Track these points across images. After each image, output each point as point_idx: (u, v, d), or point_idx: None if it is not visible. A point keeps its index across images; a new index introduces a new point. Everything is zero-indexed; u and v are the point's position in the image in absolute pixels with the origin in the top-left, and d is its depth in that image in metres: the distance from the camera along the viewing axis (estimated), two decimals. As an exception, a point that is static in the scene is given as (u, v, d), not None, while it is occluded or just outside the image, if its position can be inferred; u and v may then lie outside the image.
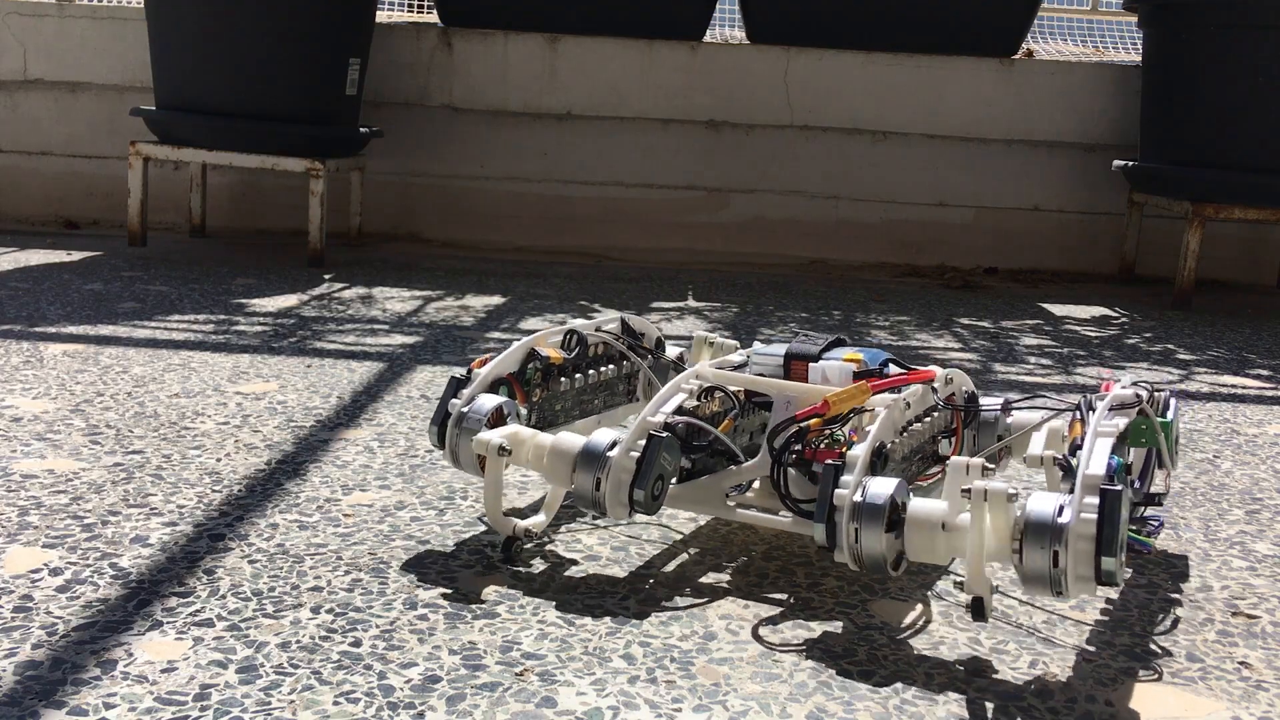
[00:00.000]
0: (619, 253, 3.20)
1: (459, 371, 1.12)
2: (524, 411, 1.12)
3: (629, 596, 1.00)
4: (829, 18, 3.15)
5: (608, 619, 0.95)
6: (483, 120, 3.21)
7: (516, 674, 0.85)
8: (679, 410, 1.06)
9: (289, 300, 2.29)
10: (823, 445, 1.01)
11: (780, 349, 1.17)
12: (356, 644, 0.89)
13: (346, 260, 2.83)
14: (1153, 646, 0.96)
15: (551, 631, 0.93)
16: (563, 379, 1.19)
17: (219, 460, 1.30)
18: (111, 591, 0.96)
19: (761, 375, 1.16)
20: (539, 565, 1.06)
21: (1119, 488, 0.84)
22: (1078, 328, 2.44)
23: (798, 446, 1.02)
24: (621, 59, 3.17)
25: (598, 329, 1.25)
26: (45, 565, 1.00)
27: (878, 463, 0.96)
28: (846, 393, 1.03)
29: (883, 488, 0.91)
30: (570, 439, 1.02)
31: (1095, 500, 0.84)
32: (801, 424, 1.02)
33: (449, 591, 0.99)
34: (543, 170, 3.23)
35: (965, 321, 2.44)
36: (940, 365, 1.46)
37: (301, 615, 0.93)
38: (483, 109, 3.20)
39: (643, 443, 1.00)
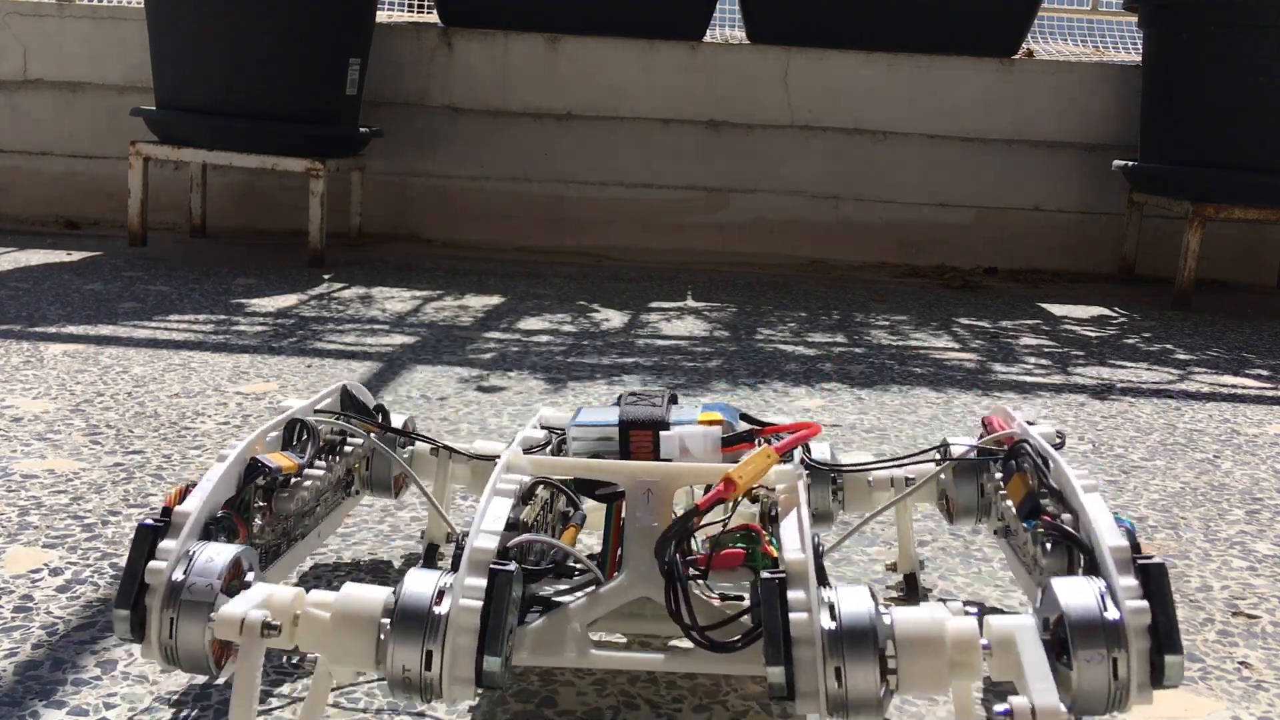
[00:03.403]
0: (619, 253, 3.20)
1: (151, 517, 0.72)
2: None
3: (629, 596, 1.00)
4: (829, 18, 3.15)
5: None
6: (483, 120, 3.21)
7: (516, 674, 0.85)
8: (509, 524, 0.72)
9: (289, 300, 2.29)
10: (721, 547, 0.73)
11: (611, 415, 0.87)
12: (356, 644, 0.89)
13: (346, 260, 2.83)
14: (1153, 646, 0.96)
15: (551, 631, 0.92)
16: (299, 491, 0.86)
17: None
18: (112, 591, 0.96)
19: (595, 456, 0.86)
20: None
21: (1158, 560, 0.65)
22: (1077, 328, 2.44)
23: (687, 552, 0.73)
24: (621, 59, 3.17)
25: (319, 410, 0.93)
26: (45, 565, 1.00)
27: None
28: (750, 465, 0.73)
29: (858, 603, 0.64)
30: (363, 593, 0.67)
31: (1134, 582, 0.63)
32: (704, 514, 0.71)
33: (449, 591, 0.99)
34: (543, 170, 3.23)
35: (964, 321, 2.44)
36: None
37: (301, 615, 0.93)
38: (483, 109, 3.20)
39: (482, 583, 0.66)
